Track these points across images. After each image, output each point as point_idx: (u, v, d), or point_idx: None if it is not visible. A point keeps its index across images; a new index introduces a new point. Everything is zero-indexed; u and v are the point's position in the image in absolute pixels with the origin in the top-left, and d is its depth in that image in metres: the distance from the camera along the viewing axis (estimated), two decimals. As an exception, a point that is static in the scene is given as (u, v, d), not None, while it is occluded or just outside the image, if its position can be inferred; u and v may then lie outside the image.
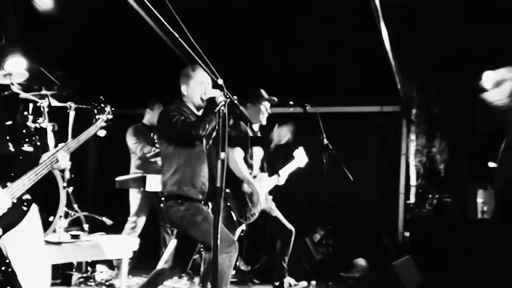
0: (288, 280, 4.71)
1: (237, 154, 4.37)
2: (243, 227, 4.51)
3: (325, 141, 4.70)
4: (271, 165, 4.84)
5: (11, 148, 2.58)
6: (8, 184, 2.36)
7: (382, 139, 6.49)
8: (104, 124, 3.09)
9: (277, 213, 4.70)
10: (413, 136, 6.41)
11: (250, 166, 4.54)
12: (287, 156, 4.89)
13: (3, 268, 2.23)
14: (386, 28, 5.07)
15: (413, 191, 6.32)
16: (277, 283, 4.69)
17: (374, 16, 4.77)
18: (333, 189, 4.96)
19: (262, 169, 4.73)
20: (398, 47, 5.50)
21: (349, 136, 6.18)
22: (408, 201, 6.28)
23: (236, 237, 4.35)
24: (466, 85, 4.61)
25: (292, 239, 4.69)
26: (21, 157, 2.58)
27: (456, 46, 5.59)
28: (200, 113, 3.55)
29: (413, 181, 6.31)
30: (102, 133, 3.11)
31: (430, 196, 6.11)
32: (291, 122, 4.40)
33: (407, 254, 4.90)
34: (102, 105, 3.11)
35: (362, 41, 5.43)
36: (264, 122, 4.67)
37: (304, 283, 4.78)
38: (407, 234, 5.90)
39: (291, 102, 4.75)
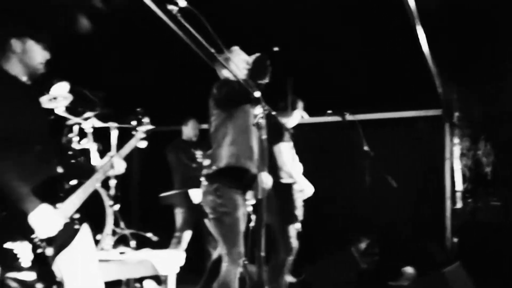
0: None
1: (283, 147, 4.37)
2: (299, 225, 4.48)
3: (366, 148, 4.66)
4: None
5: (59, 170, 2.66)
6: (58, 205, 2.43)
7: (424, 144, 6.36)
8: (144, 136, 3.12)
9: None
10: (456, 140, 6.26)
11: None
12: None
13: (55, 287, 2.29)
14: (424, 31, 4.99)
15: (459, 195, 6.16)
16: None
17: (411, 19, 4.70)
18: (376, 196, 4.92)
19: None
20: (436, 50, 5.41)
21: (390, 142, 6.09)
22: (455, 207, 6.12)
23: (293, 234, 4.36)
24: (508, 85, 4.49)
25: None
26: (73, 173, 2.69)
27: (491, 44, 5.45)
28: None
29: (459, 186, 6.16)
30: (142, 144, 3.14)
31: (477, 200, 5.94)
32: None
33: (457, 260, 4.77)
34: (140, 117, 3.17)
35: (400, 46, 5.35)
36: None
37: None
38: (456, 240, 5.75)
39: (329, 111, 4.74)
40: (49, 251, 2.29)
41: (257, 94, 2.79)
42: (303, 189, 4.47)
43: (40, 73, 2.60)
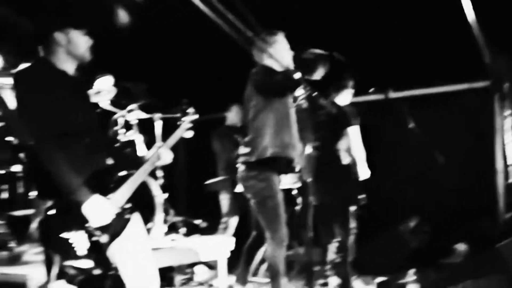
0: None
1: (356, 130, 4.42)
2: None
3: (411, 125, 4.58)
4: None
5: (109, 162, 2.73)
6: (110, 195, 2.50)
7: (472, 117, 6.15)
8: (190, 126, 3.15)
9: None
10: (507, 112, 6.03)
11: None
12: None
13: (112, 273, 2.37)
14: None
15: (511, 170, 5.95)
16: None
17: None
18: (423, 174, 4.82)
19: None
20: (483, 18, 5.19)
21: (436, 118, 5.93)
22: (507, 181, 5.92)
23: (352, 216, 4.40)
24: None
25: None
26: (121, 164, 2.76)
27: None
28: None
29: (510, 160, 5.94)
30: (188, 134, 3.16)
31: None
32: None
33: (510, 236, 4.63)
34: (185, 107, 3.21)
35: (443, 15, 5.15)
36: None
37: None
38: (508, 215, 5.57)
39: (371, 89, 4.66)
40: (104, 239, 2.37)
41: (297, 75, 2.76)
42: (361, 172, 4.46)
43: (89, 60, 2.63)
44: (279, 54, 3.56)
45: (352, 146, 4.40)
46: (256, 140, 3.53)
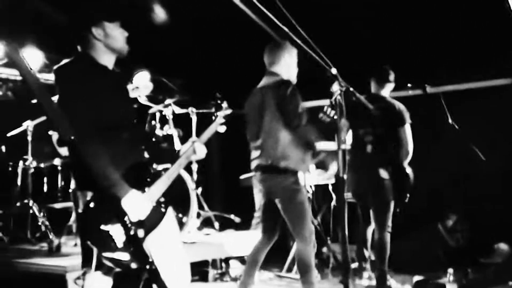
0: None
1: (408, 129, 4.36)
2: None
3: (450, 121, 4.47)
4: None
5: (146, 155, 2.76)
6: (146, 189, 2.53)
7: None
8: (223, 120, 3.15)
9: None
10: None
11: None
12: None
13: (148, 266, 2.39)
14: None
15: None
16: None
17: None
18: (464, 171, 4.70)
19: None
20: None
21: (476, 114, 5.75)
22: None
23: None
24: None
25: None
26: (158, 158, 2.79)
27: None
28: None
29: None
30: (222, 129, 3.17)
31: None
32: None
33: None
34: (219, 101, 3.22)
35: (484, 7, 4.98)
36: None
37: None
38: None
39: (409, 85, 4.57)
40: (141, 233, 2.39)
41: (334, 71, 2.72)
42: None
43: (127, 52, 2.64)
44: (292, 66, 3.76)
45: (408, 143, 4.32)
46: (270, 147, 3.62)
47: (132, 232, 2.35)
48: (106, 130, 2.46)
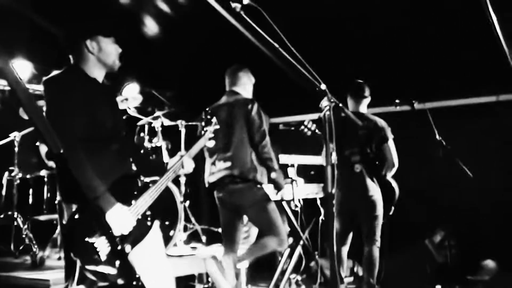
0: None
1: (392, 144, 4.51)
2: None
3: (438, 137, 4.51)
4: None
5: (134, 168, 2.75)
6: (133, 202, 2.50)
7: (503, 129, 5.99)
8: (212, 135, 3.19)
9: None
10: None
11: None
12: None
13: (135, 283, 2.36)
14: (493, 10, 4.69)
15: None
16: None
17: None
18: (451, 187, 4.72)
19: None
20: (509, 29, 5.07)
21: (464, 131, 5.80)
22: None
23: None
24: None
25: None
26: (146, 170, 2.79)
27: None
28: None
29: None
30: (211, 144, 3.21)
31: None
32: None
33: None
34: (208, 117, 3.24)
35: (469, 27, 5.06)
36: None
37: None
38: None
39: (397, 101, 4.60)
40: (128, 248, 2.37)
41: (323, 86, 2.74)
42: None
43: (118, 68, 2.66)
44: (249, 90, 4.19)
45: (392, 158, 4.46)
46: (238, 159, 3.88)
47: (119, 247, 2.32)
48: (95, 141, 2.45)
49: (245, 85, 4.17)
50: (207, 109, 3.46)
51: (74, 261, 2.28)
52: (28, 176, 5.38)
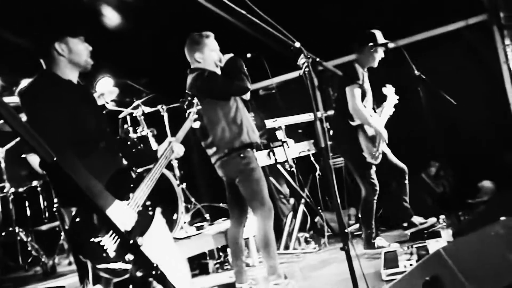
0: (415, 219, 4.64)
1: (356, 93, 4.44)
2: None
3: (416, 72, 4.53)
4: None
5: (125, 162, 2.74)
6: (130, 195, 2.50)
7: (475, 54, 6.04)
8: (196, 116, 3.21)
9: (387, 151, 4.66)
10: (508, 41, 5.92)
11: None
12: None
13: (154, 272, 2.38)
14: None
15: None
16: (405, 225, 4.65)
17: None
18: (437, 118, 4.78)
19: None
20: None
21: (440, 60, 5.84)
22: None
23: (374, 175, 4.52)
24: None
25: (407, 177, 4.62)
26: (137, 162, 2.78)
27: None
28: None
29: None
30: (196, 124, 3.23)
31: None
32: None
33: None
34: (190, 98, 3.24)
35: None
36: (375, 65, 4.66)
37: (433, 219, 4.67)
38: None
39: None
40: (140, 240, 2.38)
41: (297, 44, 2.73)
42: (377, 132, 4.50)
43: (91, 67, 2.62)
44: (207, 59, 3.83)
45: (352, 108, 4.46)
46: (216, 143, 3.75)
47: (131, 241, 2.33)
48: (82, 143, 2.43)
49: (200, 58, 3.93)
50: (186, 90, 3.43)
51: (85, 263, 2.29)
52: (20, 190, 5.33)
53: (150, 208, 2.57)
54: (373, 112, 4.65)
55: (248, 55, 3.84)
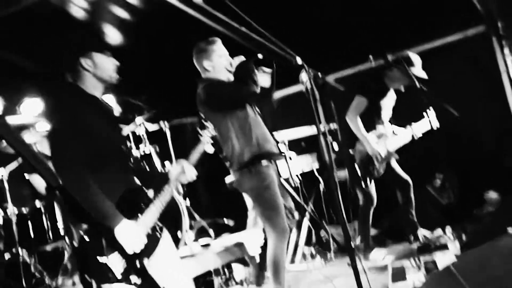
0: (421, 231, 4.61)
1: (358, 104, 4.47)
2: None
3: (418, 84, 4.53)
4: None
5: (137, 182, 2.71)
6: (139, 215, 2.48)
7: (475, 65, 6.05)
8: (210, 140, 3.09)
9: (393, 164, 4.66)
10: (507, 51, 5.93)
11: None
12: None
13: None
14: None
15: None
16: (411, 237, 4.62)
17: None
18: (440, 130, 4.78)
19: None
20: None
21: (441, 73, 5.84)
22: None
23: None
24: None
25: (411, 190, 4.60)
26: (148, 183, 2.75)
27: None
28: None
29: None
30: (210, 149, 3.08)
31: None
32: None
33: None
34: (203, 120, 3.19)
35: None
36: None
37: (439, 231, 4.64)
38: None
39: (371, 56, 4.60)
40: (146, 262, 2.36)
41: (299, 60, 2.73)
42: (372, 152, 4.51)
43: (116, 82, 2.60)
44: (217, 66, 3.62)
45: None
46: (231, 155, 3.54)
47: (138, 265, 2.31)
48: (100, 159, 2.42)
49: (209, 66, 3.73)
50: (200, 113, 3.38)
51: (90, 283, 2.27)
52: (23, 210, 5.31)
53: (158, 230, 2.56)
54: (388, 127, 4.64)
55: (260, 56, 3.54)
